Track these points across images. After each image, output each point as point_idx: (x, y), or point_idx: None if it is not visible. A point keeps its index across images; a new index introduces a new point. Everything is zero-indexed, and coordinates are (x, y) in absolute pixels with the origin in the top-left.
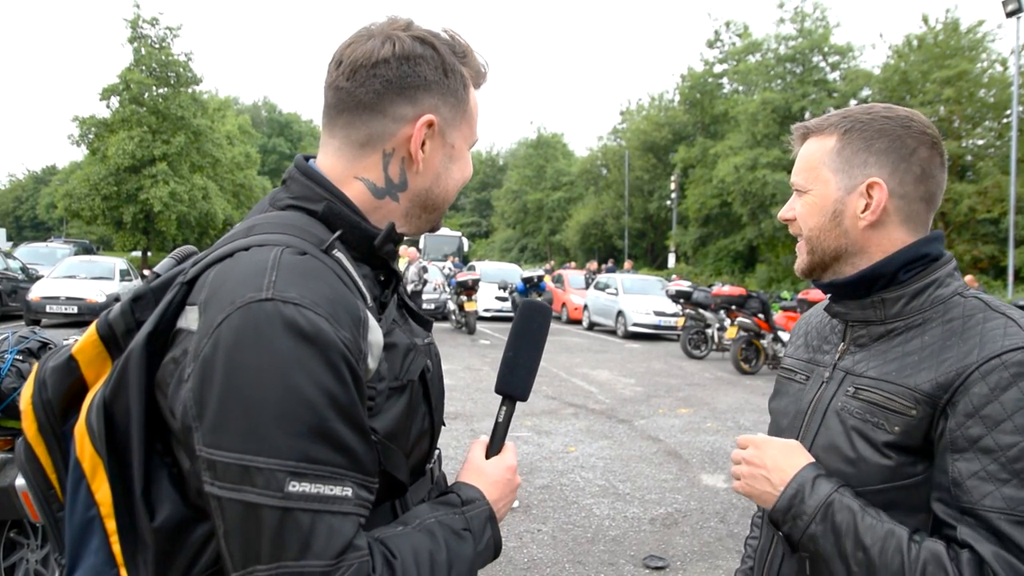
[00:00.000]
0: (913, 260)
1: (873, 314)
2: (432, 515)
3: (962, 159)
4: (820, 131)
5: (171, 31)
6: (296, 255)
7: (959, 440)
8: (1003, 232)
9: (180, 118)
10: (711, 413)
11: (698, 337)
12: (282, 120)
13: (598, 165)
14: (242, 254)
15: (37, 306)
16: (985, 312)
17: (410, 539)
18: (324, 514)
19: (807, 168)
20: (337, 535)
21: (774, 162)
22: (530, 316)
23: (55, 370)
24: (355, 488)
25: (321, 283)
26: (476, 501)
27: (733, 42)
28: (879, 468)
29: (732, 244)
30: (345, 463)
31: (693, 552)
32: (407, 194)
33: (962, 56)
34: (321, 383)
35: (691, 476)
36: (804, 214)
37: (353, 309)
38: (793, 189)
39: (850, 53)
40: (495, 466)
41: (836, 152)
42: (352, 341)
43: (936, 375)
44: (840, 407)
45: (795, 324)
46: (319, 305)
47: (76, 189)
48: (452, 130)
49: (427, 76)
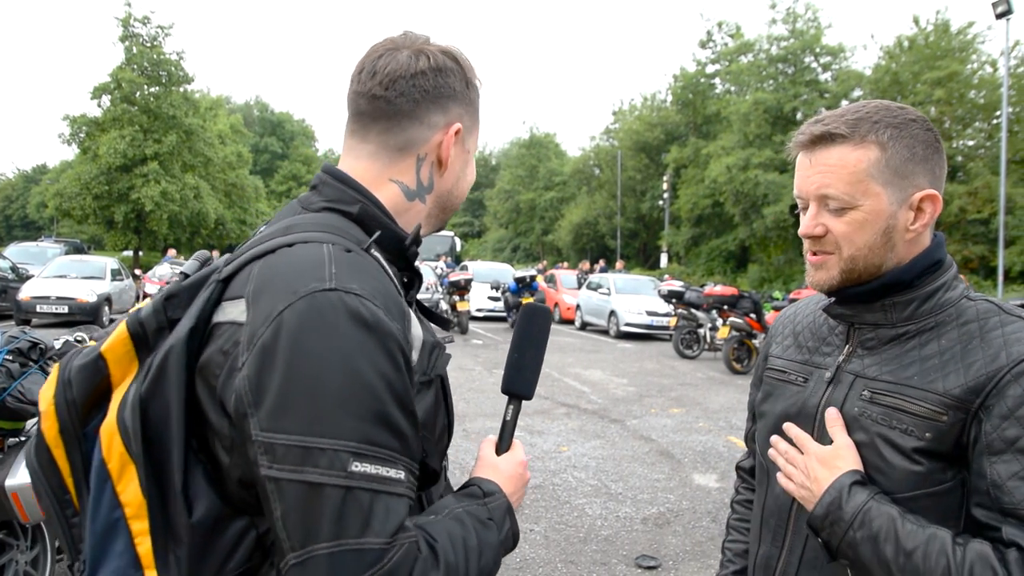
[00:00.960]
0: (929, 266)
1: (883, 317)
2: (459, 505)
3: (953, 160)
4: (855, 138)
5: (162, 30)
6: (344, 252)
7: (996, 442)
8: (993, 232)
9: (172, 117)
10: (703, 413)
11: (690, 337)
12: (274, 119)
13: (590, 165)
14: (287, 249)
15: (27, 306)
16: (1000, 315)
17: (444, 525)
18: (382, 494)
19: (853, 181)
20: (394, 515)
21: (766, 162)
22: (532, 318)
23: (82, 369)
24: (406, 472)
25: (372, 278)
26: (496, 494)
27: (725, 42)
28: (909, 474)
29: (724, 244)
30: (399, 447)
31: (685, 552)
32: (432, 196)
33: (952, 57)
34: (381, 369)
35: (683, 476)
36: (849, 232)
37: (400, 303)
38: (816, 202)
39: (842, 54)
40: (508, 462)
41: (884, 164)
42: (402, 332)
43: (966, 380)
44: (857, 412)
45: (775, 323)
46: (376, 297)
47: (67, 188)
48: (469, 137)
49: (455, 87)
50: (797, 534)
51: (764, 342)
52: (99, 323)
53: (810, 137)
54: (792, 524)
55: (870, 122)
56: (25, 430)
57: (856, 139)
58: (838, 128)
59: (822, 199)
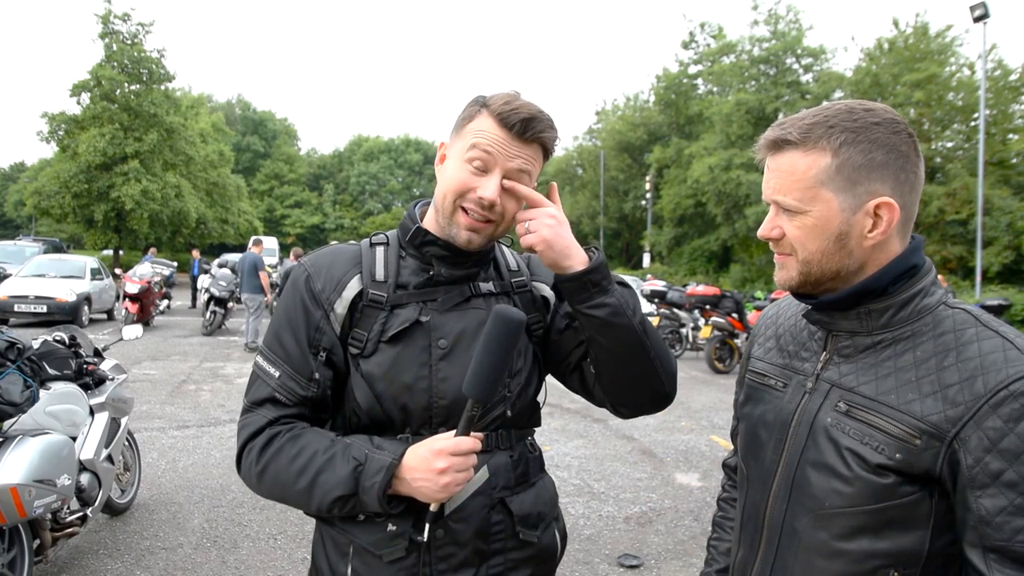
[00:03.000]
0: (903, 272)
1: (859, 325)
2: (357, 441)
3: (931, 161)
4: (806, 144)
5: (143, 27)
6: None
7: (979, 476)
8: (971, 233)
9: (152, 115)
10: (685, 412)
11: (672, 336)
12: (256, 118)
13: (573, 165)
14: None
15: (5, 305)
16: (977, 328)
17: (320, 440)
18: (260, 379)
19: (801, 188)
20: (258, 391)
21: (748, 163)
22: (494, 322)
23: None
24: (282, 373)
25: (326, 256)
26: (387, 452)
27: (708, 43)
28: (876, 487)
29: (706, 244)
30: (283, 355)
31: (667, 550)
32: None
33: (931, 60)
34: (287, 308)
35: (665, 475)
36: (801, 236)
37: (337, 275)
38: (774, 205)
39: (823, 55)
40: (429, 445)
41: (835, 170)
42: (320, 290)
43: (944, 407)
44: (830, 423)
45: (758, 322)
46: (312, 267)
47: (46, 186)
48: (451, 149)
49: (456, 119)
50: (769, 542)
51: (748, 341)
52: (78, 323)
53: (766, 142)
54: (765, 532)
55: (824, 127)
56: (3, 430)
57: (807, 145)
58: (790, 134)
59: (778, 204)
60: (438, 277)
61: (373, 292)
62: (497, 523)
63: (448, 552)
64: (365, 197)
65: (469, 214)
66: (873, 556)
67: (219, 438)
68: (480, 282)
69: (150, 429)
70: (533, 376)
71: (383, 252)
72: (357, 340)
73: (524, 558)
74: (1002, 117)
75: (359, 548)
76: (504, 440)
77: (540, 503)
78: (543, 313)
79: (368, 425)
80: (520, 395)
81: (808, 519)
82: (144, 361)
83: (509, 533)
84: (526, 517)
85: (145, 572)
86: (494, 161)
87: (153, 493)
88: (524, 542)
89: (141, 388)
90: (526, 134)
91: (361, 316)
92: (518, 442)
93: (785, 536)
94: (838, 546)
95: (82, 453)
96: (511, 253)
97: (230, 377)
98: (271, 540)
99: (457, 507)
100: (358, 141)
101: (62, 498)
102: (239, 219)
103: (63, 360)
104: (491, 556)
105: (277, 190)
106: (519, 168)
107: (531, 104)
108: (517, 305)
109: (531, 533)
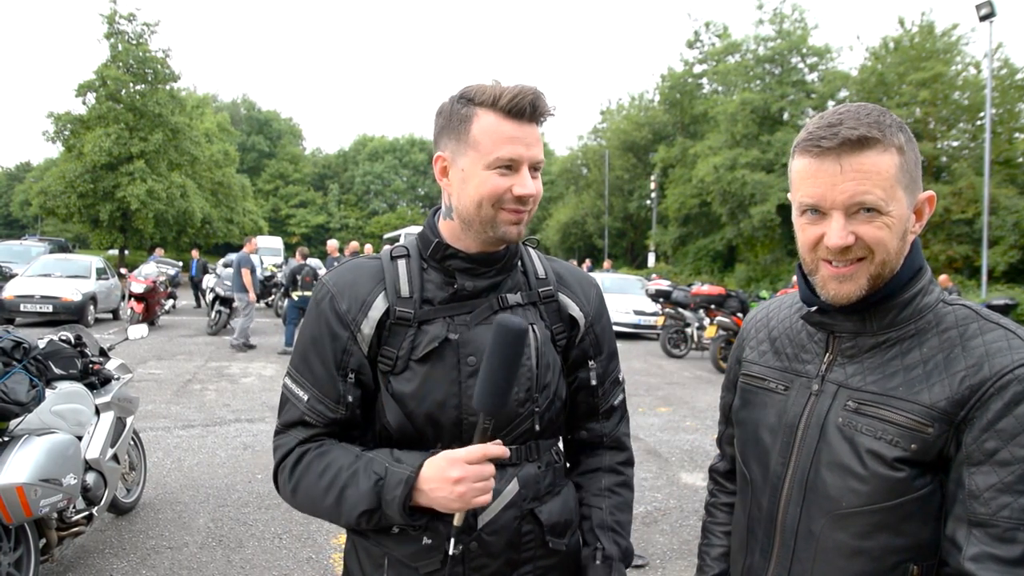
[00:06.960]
0: (915, 272)
1: (863, 326)
2: (379, 455)
3: (937, 160)
4: (884, 142)
5: (148, 27)
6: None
7: (975, 454)
8: (977, 232)
9: (157, 115)
10: (690, 412)
11: (677, 336)
12: (261, 118)
13: (578, 164)
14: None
15: (11, 305)
16: (979, 322)
17: (346, 456)
18: (289, 400)
19: (885, 187)
20: (288, 413)
21: (753, 162)
22: (496, 334)
23: None
24: (310, 396)
25: (348, 273)
26: (406, 465)
27: (713, 43)
28: (892, 482)
29: (711, 244)
30: (311, 378)
31: (673, 550)
32: (455, 214)
33: (937, 59)
34: (312, 332)
35: (671, 475)
36: (884, 238)
37: (362, 294)
38: (841, 211)
39: (828, 55)
40: (444, 455)
41: (902, 168)
42: (346, 311)
43: (952, 393)
44: (842, 423)
45: (746, 325)
46: (335, 286)
47: (51, 186)
48: (460, 159)
49: (441, 124)
50: (784, 547)
51: (735, 345)
52: (84, 322)
53: (842, 140)
54: (778, 537)
55: (885, 125)
56: (8, 430)
57: (885, 144)
58: (870, 132)
59: (855, 207)
60: (462, 291)
61: (400, 309)
62: (527, 533)
63: (481, 563)
64: (370, 197)
65: (508, 211)
66: (893, 552)
67: (224, 437)
68: (507, 292)
69: (155, 428)
70: (561, 388)
71: (405, 266)
72: (387, 358)
73: (552, 565)
74: (1008, 116)
75: (394, 560)
76: (532, 452)
77: (567, 511)
78: (567, 325)
79: (400, 440)
80: (548, 408)
81: (825, 521)
82: (149, 360)
83: (539, 542)
84: (554, 526)
85: (150, 571)
86: (520, 158)
87: (158, 492)
88: (553, 551)
89: (146, 387)
90: (536, 114)
91: (389, 334)
92: (545, 452)
93: (801, 539)
94: (858, 545)
95: (88, 452)
96: (539, 257)
97: (235, 376)
98: (276, 539)
99: (490, 520)
100: (363, 141)
101: (68, 497)
102: (244, 219)
103: (69, 360)
104: (521, 565)
105: (282, 190)
106: (537, 151)
107: (523, 86)
108: (544, 317)
109: (559, 541)
